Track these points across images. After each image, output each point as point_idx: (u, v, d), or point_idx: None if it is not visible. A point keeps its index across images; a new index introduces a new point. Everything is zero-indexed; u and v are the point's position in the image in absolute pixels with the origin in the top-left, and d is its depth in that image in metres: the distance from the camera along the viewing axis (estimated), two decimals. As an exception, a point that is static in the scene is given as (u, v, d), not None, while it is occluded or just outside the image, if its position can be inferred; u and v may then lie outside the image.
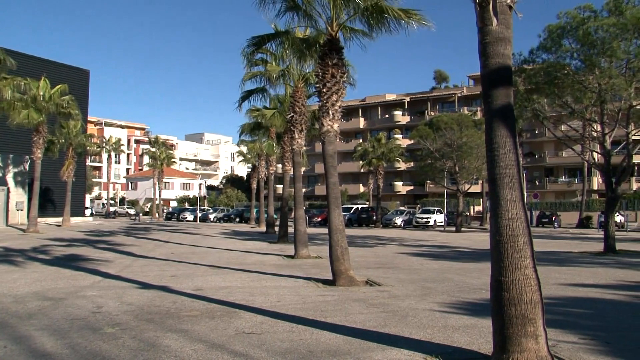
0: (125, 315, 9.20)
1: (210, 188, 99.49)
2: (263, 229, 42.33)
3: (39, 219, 36.96)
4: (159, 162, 74.00)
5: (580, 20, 21.96)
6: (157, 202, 76.40)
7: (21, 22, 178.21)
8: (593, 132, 26.01)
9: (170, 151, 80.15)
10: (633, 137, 23.87)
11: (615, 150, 24.91)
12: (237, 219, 65.91)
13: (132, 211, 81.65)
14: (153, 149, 75.28)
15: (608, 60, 21.83)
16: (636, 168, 60.78)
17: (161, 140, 78.17)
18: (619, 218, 44.89)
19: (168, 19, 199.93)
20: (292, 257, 20.42)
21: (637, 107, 22.84)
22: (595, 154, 26.54)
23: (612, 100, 23.06)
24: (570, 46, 22.71)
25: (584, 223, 53.16)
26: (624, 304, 11.02)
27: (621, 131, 23.91)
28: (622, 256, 21.63)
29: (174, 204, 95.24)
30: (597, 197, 65.05)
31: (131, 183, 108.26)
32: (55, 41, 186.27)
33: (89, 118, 67.01)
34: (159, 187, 74.93)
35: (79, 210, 52.71)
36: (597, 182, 66.86)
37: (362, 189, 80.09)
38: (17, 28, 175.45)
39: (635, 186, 67.69)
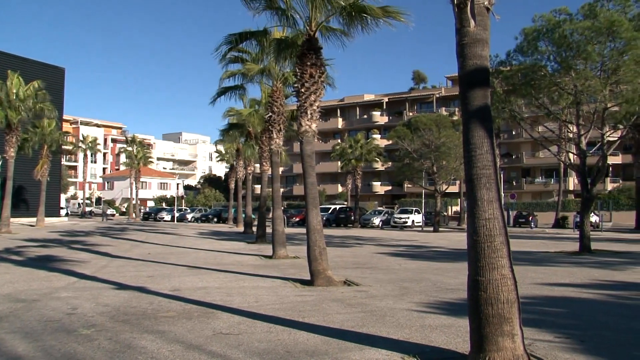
0: (100, 317, 9.09)
1: (188, 188, 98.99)
2: (241, 229, 42.20)
3: (12, 219, 36.46)
4: (135, 162, 73.49)
5: (556, 23, 22.21)
6: (134, 202, 75.77)
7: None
8: (569, 134, 26.32)
9: (147, 150, 79.68)
10: (608, 139, 24.20)
11: (591, 151, 25.24)
12: (215, 219, 65.66)
13: (98, 210, 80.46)
14: (130, 148, 74.71)
15: (583, 63, 22.12)
16: (611, 169, 61.81)
17: (138, 140, 77.60)
18: (594, 218, 45.46)
19: (145, 16, 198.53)
20: (270, 257, 20.36)
21: (612, 109, 23.15)
22: (571, 155, 26.86)
23: (588, 102, 23.37)
24: (546, 48, 22.97)
25: (560, 223, 53.72)
26: (598, 302, 11.15)
27: (596, 132, 24.21)
28: (597, 256, 21.90)
29: (151, 203, 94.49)
30: (573, 198, 65.87)
31: (108, 183, 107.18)
32: (29, 38, 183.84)
33: (65, 116, 66.30)
34: (135, 186, 74.36)
35: (53, 210, 52.11)
36: (573, 182, 67.71)
37: (340, 189, 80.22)
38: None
39: (610, 187, 68.73)
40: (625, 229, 49.52)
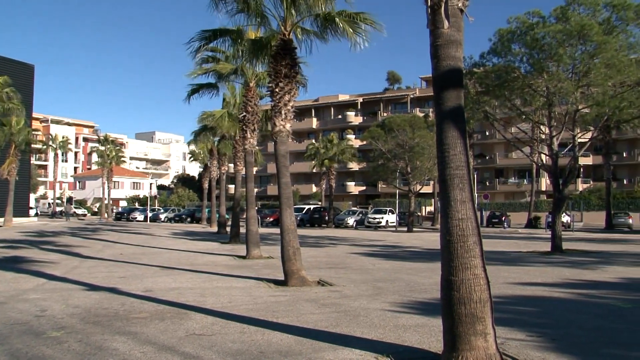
0: (70, 319, 8.95)
1: (161, 188, 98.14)
2: (215, 229, 42.02)
3: (-21, 220, 35.75)
4: (108, 161, 72.73)
5: (529, 26, 22.50)
6: (106, 201, 74.96)
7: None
8: (541, 135, 26.66)
9: (120, 150, 78.90)
10: (579, 140, 24.56)
11: (562, 153, 25.60)
12: (189, 219, 65.28)
13: (59, 208, 79.21)
14: (102, 148, 73.94)
15: (555, 65, 22.42)
16: (582, 170, 62.82)
17: (111, 139, 76.76)
18: (565, 218, 46.09)
19: (117, 14, 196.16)
20: (243, 257, 20.29)
21: (583, 110, 23.50)
22: (543, 156, 27.20)
23: (559, 104, 23.70)
24: (519, 50, 23.24)
25: (532, 223, 54.38)
26: (569, 301, 11.30)
27: (568, 134, 24.58)
28: (569, 255, 22.21)
29: (123, 203, 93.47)
30: (545, 198, 66.77)
31: (79, 182, 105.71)
32: None
33: (35, 114, 65.36)
34: (108, 186, 73.58)
35: (22, 210, 51.25)
36: (545, 183, 68.61)
37: (314, 189, 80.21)
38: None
39: (581, 187, 69.83)
40: (595, 228, 50.34)
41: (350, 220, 54.43)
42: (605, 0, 22.15)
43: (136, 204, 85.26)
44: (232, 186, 53.83)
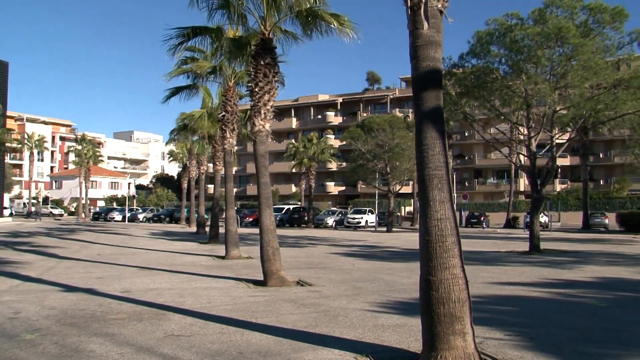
0: (46, 321, 8.82)
1: (139, 187, 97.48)
2: (194, 229, 41.84)
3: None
4: (85, 161, 72.05)
5: (508, 28, 22.67)
6: (83, 201, 74.22)
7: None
8: (520, 136, 26.90)
9: (97, 149, 78.26)
10: (557, 141, 24.83)
11: (540, 153, 25.85)
12: (167, 219, 64.97)
13: (45, 210, 78.25)
14: (79, 147, 73.23)
15: (534, 67, 22.64)
16: (560, 170, 63.58)
17: (88, 138, 76.12)
18: (543, 218, 46.60)
19: (95, 11, 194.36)
20: (223, 257, 20.21)
21: (561, 112, 23.75)
22: (521, 157, 27.45)
23: (538, 105, 23.95)
24: (498, 52, 23.41)
25: (511, 223, 54.83)
26: (547, 301, 11.40)
27: (546, 135, 24.83)
28: (546, 255, 22.43)
29: (101, 203, 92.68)
30: (524, 198, 67.42)
31: (56, 182, 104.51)
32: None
33: (9, 113, 64.35)
34: (85, 186, 72.94)
35: (-4, 210, 50.48)
36: (523, 183, 69.25)
37: (294, 189, 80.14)
38: None
39: (559, 188, 70.67)
40: (573, 228, 50.90)
41: (330, 221, 54.48)
42: (582, 3, 22.42)
43: (114, 204, 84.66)
44: (211, 186, 53.65)
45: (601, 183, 70.93)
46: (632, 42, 23.34)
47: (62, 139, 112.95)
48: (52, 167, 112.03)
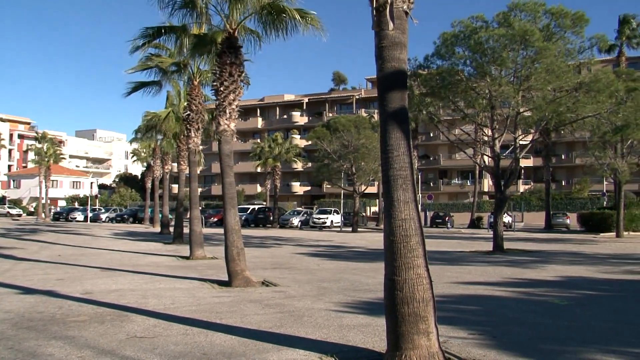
0: (1, 324, 8.56)
1: (102, 187, 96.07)
2: (158, 229, 41.45)
3: None
4: (45, 159, 70.67)
5: (473, 30, 22.94)
6: (43, 201, 72.79)
7: None
8: (484, 137, 27.23)
9: (58, 148, 76.81)
10: (520, 142, 25.20)
11: (504, 154, 26.20)
12: (131, 219, 64.27)
13: (2, 209, 76.42)
14: (39, 145, 71.81)
15: (498, 69, 22.94)
16: (523, 171, 64.60)
17: (49, 136, 74.65)
18: (507, 218, 47.23)
19: (54, 4, 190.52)
20: (187, 258, 20.05)
21: (524, 114, 24.12)
22: (486, 158, 27.78)
23: (502, 107, 24.28)
24: (463, 53, 23.67)
25: (475, 223, 55.46)
26: (510, 299, 11.56)
27: (509, 136, 25.21)
28: (509, 255, 22.75)
29: (62, 203, 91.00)
30: (488, 199, 68.38)
31: (14, 181, 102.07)
32: None
33: (-35, 110, 62.66)
34: (45, 185, 71.55)
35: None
36: (487, 184, 70.20)
37: (259, 189, 79.94)
38: None
39: (522, 188, 71.89)
40: (535, 228, 51.71)
41: (295, 221, 54.46)
42: (545, 7, 22.80)
43: (76, 204, 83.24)
44: (175, 186, 53.08)
45: (563, 184, 72.39)
46: (592, 47, 23.87)
47: (21, 136, 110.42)
48: (9, 166, 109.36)
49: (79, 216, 68.19)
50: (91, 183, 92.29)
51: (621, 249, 26.37)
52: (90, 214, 66.74)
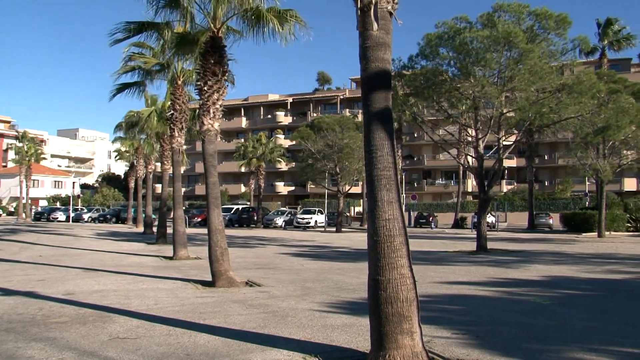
0: (-19, 325, 8.46)
1: (84, 187, 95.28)
2: (141, 229, 41.20)
3: None
4: (26, 159, 69.99)
5: (457, 30, 23.02)
6: (24, 201, 72.07)
7: None
8: (468, 137, 27.35)
9: (39, 147, 76.01)
10: (504, 143, 25.35)
11: (488, 155, 26.33)
12: (114, 219, 63.84)
13: None
14: (20, 144, 71.07)
15: (482, 69, 23.05)
16: (506, 172, 65.00)
17: (30, 135, 73.87)
18: (490, 219, 47.47)
19: (37, 3, 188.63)
20: (170, 258, 19.95)
21: (507, 114, 24.26)
22: (469, 158, 27.90)
23: (485, 107, 24.41)
24: (447, 54, 23.73)
25: (459, 223, 55.65)
26: (493, 299, 11.62)
27: (493, 137, 25.34)
28: (493, 254, 22.87)
29: (44, 203, 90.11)
30: (471, 199, 68.69)
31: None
32: None
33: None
34: (26, 185, 70.80)
35: None
36: (471, 184, 70.47)
37: (243, 189, 79.74)
38: None
39: (505, 189, 72.33)
40: (518, 228, 52.05)
41: (279, 221, 54.39)
42: (529, 9, 22.95)
43: (58, 204, 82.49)
44: (159, 185, 52.79)
45: (546, 184, 72.94)
46: (575, 49, 24.09)
47: (1, 135, 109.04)
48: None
49: (61, 216, 67.62)
50: (73, 183, 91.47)
51: (603, 249, 26.61)
52: (72, 214, 66.20)
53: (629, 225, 43.55)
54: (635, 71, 69.35)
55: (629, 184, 65.98)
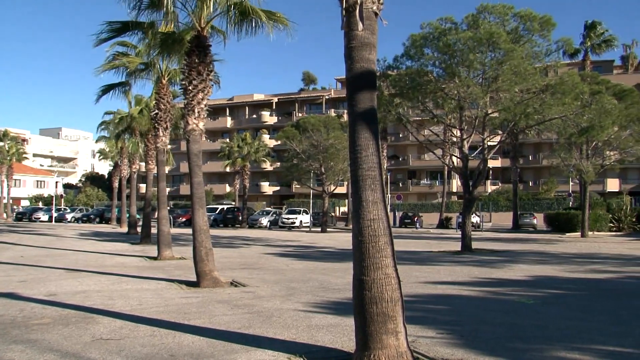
0: (-39, 327, 8.33)
1: (67, 186, 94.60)
2: (125, 229, 40.99)
3: None
4: (7, 158, 69.42)
5: (442, 31, 23.11)
6: (5, 200, 71.40)
7: None
8: (453, 137, 27.46)
9: (21, 146, 75.36)
10: (488, 143, 25.49)
11: (472, 155, 26.45)
12: (97, 220, 63.45)
13: None
14: (1, 143, 70.42)
15: (466, 70, 23.14)
16: (491, 172, 65.42)
17: (11, 134, 73.26)
18: (475, 219, 47.69)
19: (20, 2, 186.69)
20: (155, 258, 19.84)
21: (492, 115, 24.39)
22: (454, 158, 28.00)
23: (470, 108, 24.51)
24: (432, 55, 23.80)
25: (444, 223, 55.85)
26: (478, 299, 11.66)
27: (478, 137, 25.46)
28: (478, 254, 22.98)
29: (25, 202, 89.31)
30: (456, 199, 68.99)
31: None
32: None
33: None
34: (7, 184, 70.23)
35: None
36: (456, 184, 70.80)
37: (228, 189, 79.52)
38: None
39: (490, 189, 72.75)
40: (503, 228, 52.36)
41: (264, 221, 54.32)
42: (513, 10, 23.09)
43: (40, 204, 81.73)
44: (143, 185, 52.50)
45: (530, 184, 73.47)
46: (558, 50, 24.34)
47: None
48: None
49: (43, 216, 67.07)
50: (56, 182, 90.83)
51: (586, 249, 26.83)
52: (55, 214, 65.68)
53: (612, 225, 43.95)
54: (618, 73, 70.20)
55: (612, 185, 66.58)
